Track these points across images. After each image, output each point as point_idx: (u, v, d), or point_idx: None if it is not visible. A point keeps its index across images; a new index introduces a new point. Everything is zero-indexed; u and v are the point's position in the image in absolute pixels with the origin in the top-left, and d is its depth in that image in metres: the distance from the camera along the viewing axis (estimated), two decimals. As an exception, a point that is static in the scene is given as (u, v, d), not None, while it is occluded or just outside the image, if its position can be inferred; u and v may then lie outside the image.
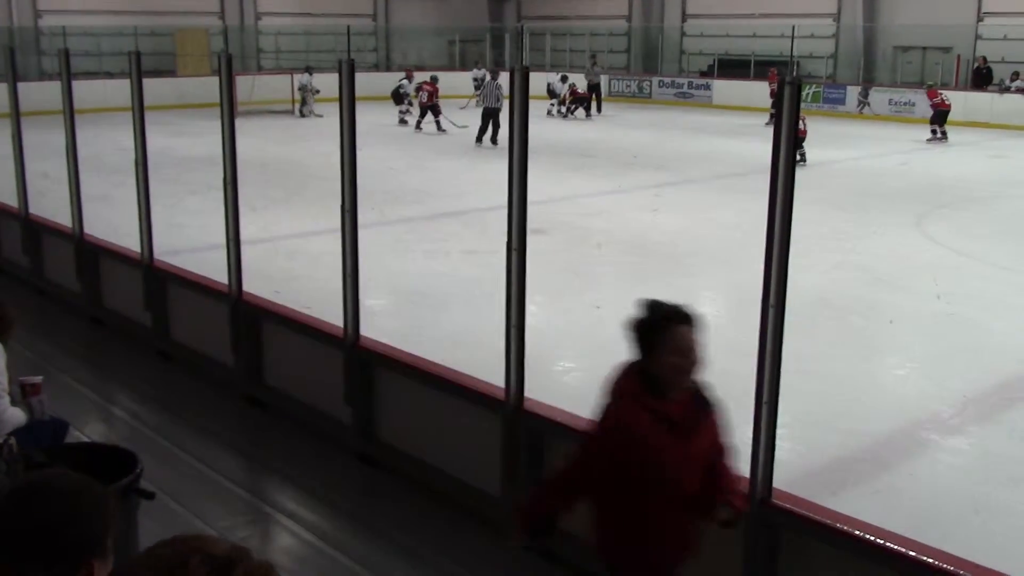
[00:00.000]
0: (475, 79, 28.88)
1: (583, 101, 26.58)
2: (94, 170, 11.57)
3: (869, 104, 26.39)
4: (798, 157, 17.14)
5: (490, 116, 19.68)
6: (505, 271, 4.51)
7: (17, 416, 4.26)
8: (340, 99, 5.23)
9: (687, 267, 10.65)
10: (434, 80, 22.46)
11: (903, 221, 12.83)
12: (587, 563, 4.54)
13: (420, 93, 22.40)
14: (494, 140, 19.30)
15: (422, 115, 22.07)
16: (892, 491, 5.47)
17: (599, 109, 27.48)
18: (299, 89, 25.34)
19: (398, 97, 24.10)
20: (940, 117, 21.69)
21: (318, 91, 24.42)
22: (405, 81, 24.41)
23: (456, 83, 29.22)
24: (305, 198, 13.81)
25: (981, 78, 26.03)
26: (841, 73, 29.37)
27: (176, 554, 1.56)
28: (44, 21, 28.59)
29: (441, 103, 22.46)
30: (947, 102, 21.85)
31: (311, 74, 25.24)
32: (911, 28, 27.56)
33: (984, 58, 26.25)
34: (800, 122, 17.56)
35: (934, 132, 21.58)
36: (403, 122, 23.27)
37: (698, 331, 3.07)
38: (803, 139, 17.14)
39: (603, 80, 30.32)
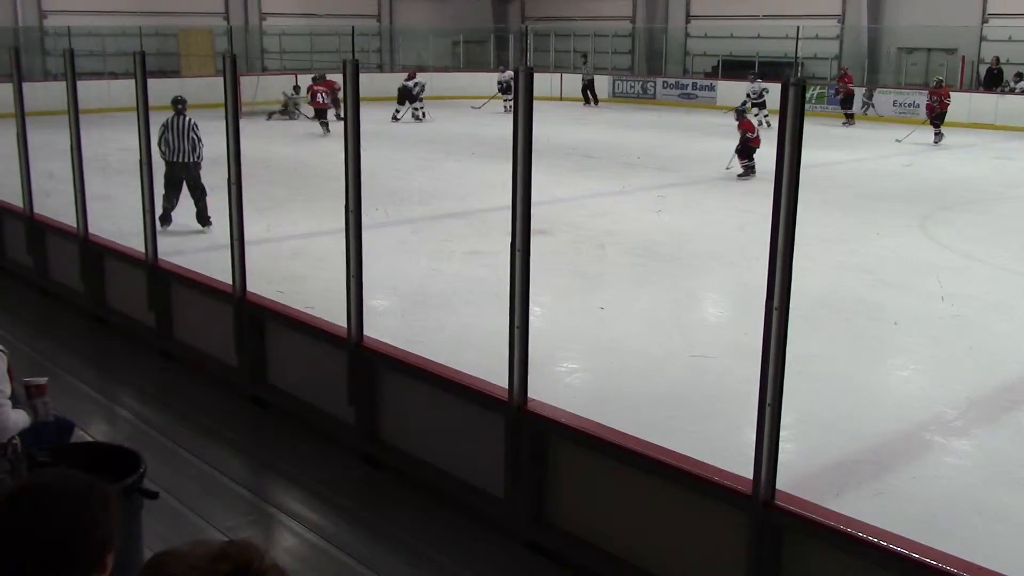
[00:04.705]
0: (500, 82, 28.17)
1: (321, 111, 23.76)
2: (99, 170, 11.59)
3: (873, 106, 26.36)
4: (743, 170, 16.23)
5: (177, 179, 11.42)
6: (509, 272, 4.51)
7: (20, 419, 4.25)
8: (344, 99, 5.23)
9: (691, 268, 10.64)
10: (316, 81, 22.65)
11: (907, 223, 12.81)
12: (587, 562, 4.55)
13: (312, 94, 22.42)
14: (202, 219, 11.50)
15: (318, 116, 21.98)
16: (895, 493, 5.46)
17: (595, 102, 29.61)
18: (289, 96, 25.16)
19: (409, 94, 24.77)
20: (943, 116, 21.61)
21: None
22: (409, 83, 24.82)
23: (457, 83, 29.24)
24: (309, 198, 13.83)
25: (992, 79, 26.01)
26: (845, 74, 29.33)
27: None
28: (49, 21, 28.64)
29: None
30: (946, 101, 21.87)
31: (296, 78, 25.58)
32: (915, 29, 27.54)
33: (997, 58, 26.23)
34: (754, 131, 15.76)
35: (939, 134, 21.47)
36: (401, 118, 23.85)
37: None
38: (756, 148, 16.37)
39: (608, 80, 30.90)
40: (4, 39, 23.54)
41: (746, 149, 16.39)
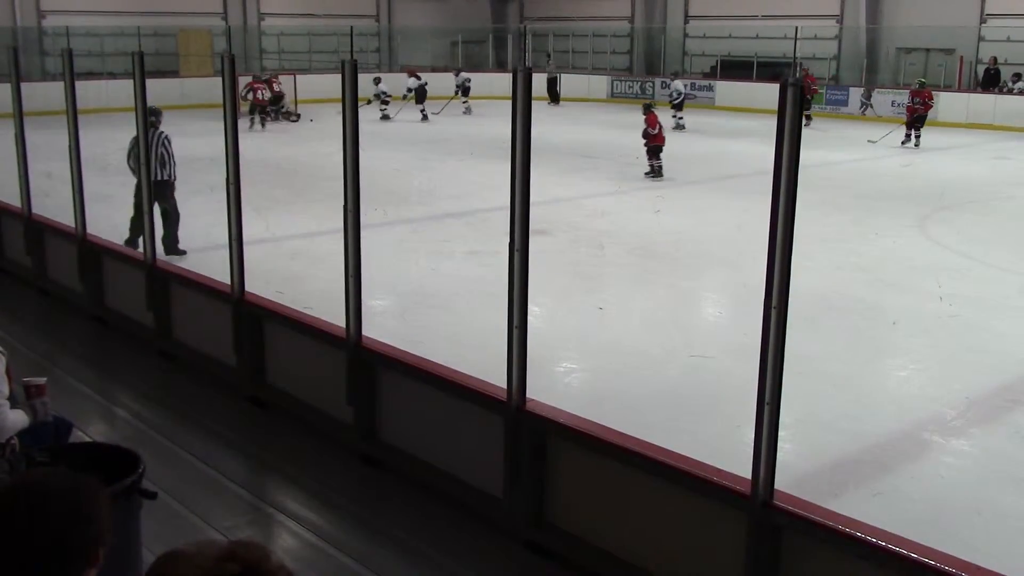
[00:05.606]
0: (457, 86, 27.82)
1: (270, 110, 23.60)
2: (97, 170, 11.58)
3: (872, 106, 26.39)
4: (649, 168, 16.20)
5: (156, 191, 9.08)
6: (508, 271, 4.51)
7: (19, 420, 4.25)
8: (343, 99, 5.22)
9: (689, 268, 10.65)
10: (256, 79, 23.18)
11: (905, 223, 12.82)
12: (586, 562, 4.55)
13: (251, 92, 22.79)
14: (170, 247, 10.29)
15: (258, 113, 22.61)
16: (894, 493, 5.46)
17: (556, 101, 30.02)
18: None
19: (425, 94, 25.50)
20: (923, 119, 21.46)
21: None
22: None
23: (456, 83, 29.18)
24: (308, 198, 13.82)
25: (990, 79, 26.03)
26: (844, 75, 29.36)
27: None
28: (47, 21, 28.63)
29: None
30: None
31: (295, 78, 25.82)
32: (914, 30, 27.56)
33: (995, 58, 26.25)
34: (656, 127, 15.92)
35: (916, 137, 21.28)
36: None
37: None
38: (661, 147, 16.38)
39: (606, 80, 30.97)
40: (3, 39, 23.54)
41: (652, 148, 16.36)
